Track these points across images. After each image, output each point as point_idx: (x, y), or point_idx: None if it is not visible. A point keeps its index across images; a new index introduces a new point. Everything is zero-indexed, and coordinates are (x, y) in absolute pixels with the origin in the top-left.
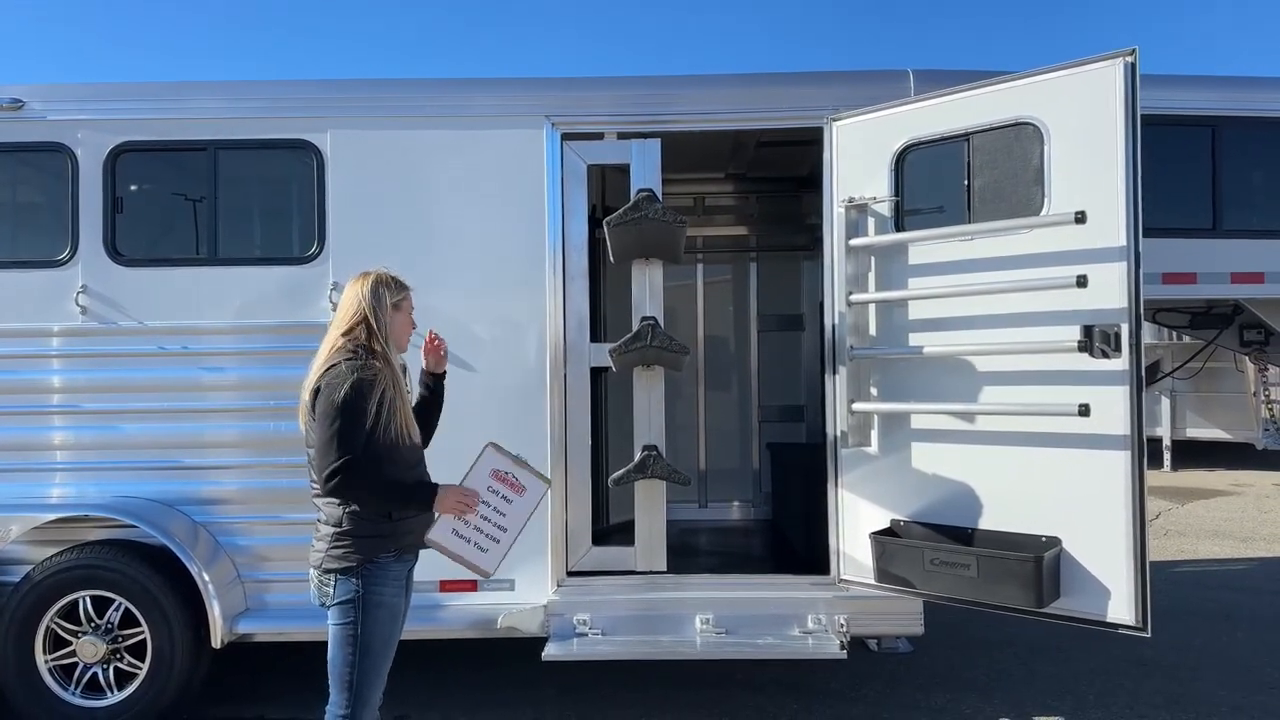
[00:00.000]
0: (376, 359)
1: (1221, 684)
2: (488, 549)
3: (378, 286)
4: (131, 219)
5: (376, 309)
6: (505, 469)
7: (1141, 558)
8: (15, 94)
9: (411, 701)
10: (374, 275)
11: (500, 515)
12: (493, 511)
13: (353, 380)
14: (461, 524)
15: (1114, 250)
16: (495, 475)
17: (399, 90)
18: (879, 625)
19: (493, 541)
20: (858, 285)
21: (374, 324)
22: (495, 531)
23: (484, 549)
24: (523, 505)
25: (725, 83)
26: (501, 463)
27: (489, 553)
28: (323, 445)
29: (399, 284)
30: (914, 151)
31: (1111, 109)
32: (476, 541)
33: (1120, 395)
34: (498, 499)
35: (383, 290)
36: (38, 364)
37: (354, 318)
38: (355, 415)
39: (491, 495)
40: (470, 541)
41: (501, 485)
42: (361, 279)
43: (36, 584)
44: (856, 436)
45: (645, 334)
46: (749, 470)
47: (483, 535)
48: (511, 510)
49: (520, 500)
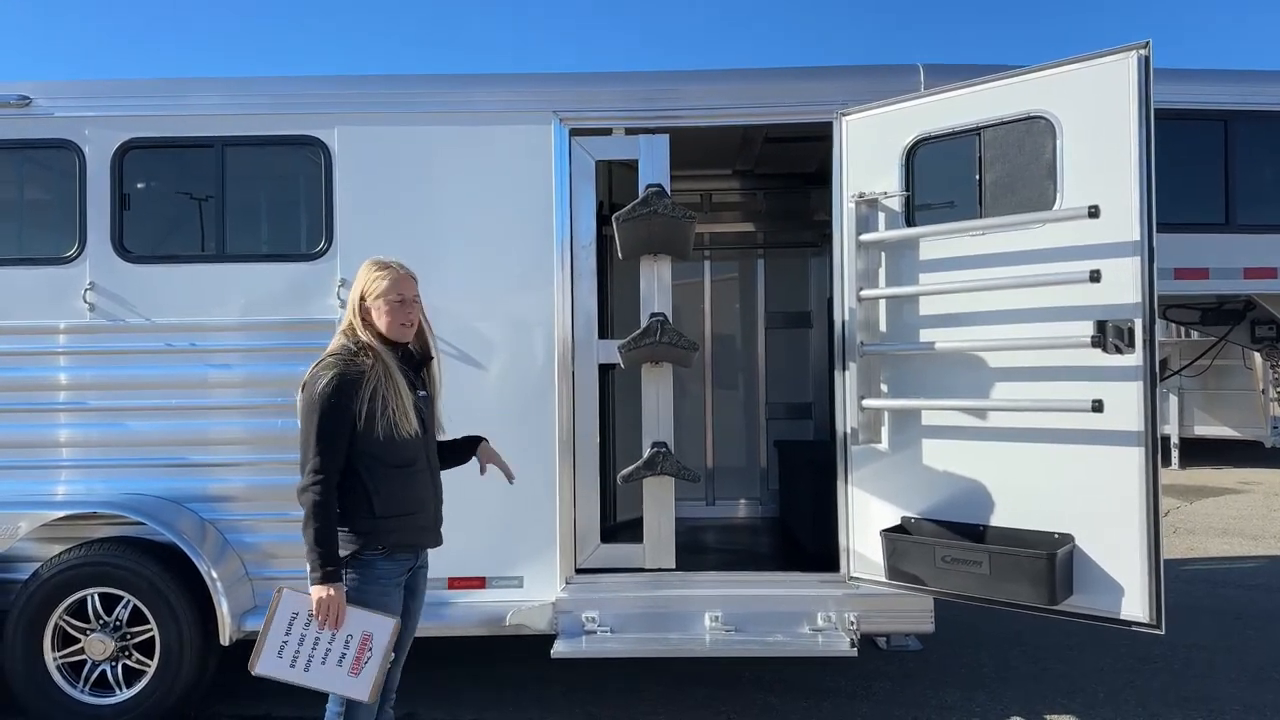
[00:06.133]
0: (365, 353)
1: (1233, 682)
2: (282, 656)
3: (360, 276)
4: (139, 215)
5: (353, 300)
6: (375, 645)
7: (1155, 554)
8: (22, 90)
9: (419, 699)
10: (363, 266)
11: (321, 660)
12: (324, 649)
13: (332, 375)
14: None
15: (1127, 245)
16: (365, 636)
17: (406, 86)
18: (889, 623)
19: (289, 662)
20: (868, 281)
21: (354, 315)
22: (305, 658)
23: (280, 654)
24: (333, 678)
25: (734, 78)
26: (379, 639)
27: (279, 659)
28: (302, 441)
29: (379, 267)
30: (924, 146)
31: (1124, 102)
32: (293, 643)
33: (1134, 391)
34: (339, 648)
35: (362, 278)
36: (46, 361)
37: (346, 312)
38: (333, 413)
39: (340, 639)
40: (289, 634)
41: (355, 646)
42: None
43: (45, 581)
44: (867, 433)
45: (654, 330)
46: (756, 468)
47: (299, 647)
48: (327, 668)
49: (336, 673)
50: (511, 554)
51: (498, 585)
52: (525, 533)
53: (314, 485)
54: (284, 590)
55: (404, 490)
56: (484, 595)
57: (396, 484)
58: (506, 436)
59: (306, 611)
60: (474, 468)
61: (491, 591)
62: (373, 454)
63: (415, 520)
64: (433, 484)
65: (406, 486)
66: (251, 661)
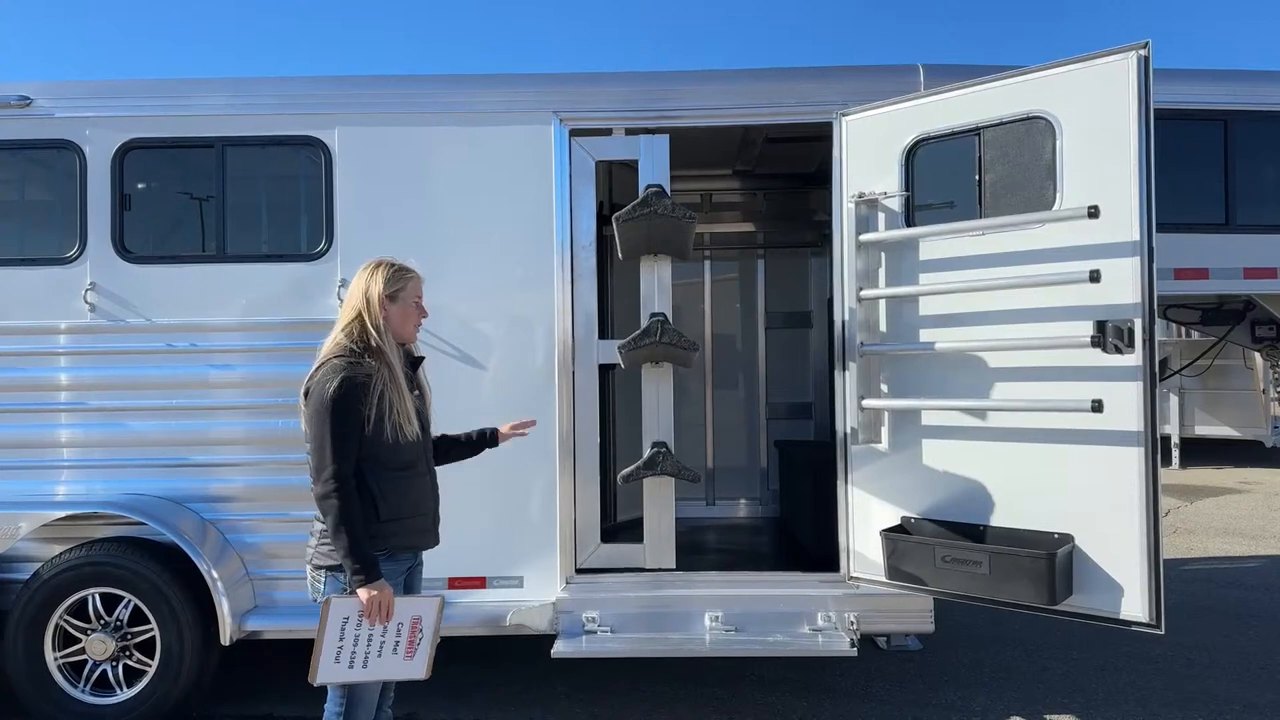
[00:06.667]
0: (371, 355)
1: (1234, 682)
2: (340, 661)
3: (372, 278)
4: (139, 216)
5: (368, 302)
6: (424, 625)
7: (1155, 554)
8: (23, 91)
9: (420, 699)
10: (372, 265)
11: (377, 653)
12: (378, 643)
13: (341, 379)
14: (357, 617)
15: (1127, 245)
16: (414, 621)
17: (407, 87)
18: (889, 623)
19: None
20: (868, 281)
21: (366, 317)
22: (362, 656)
23: (338, 659)
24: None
25: (734, 78)
26: (428, 618)
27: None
28: (315, 446)
29: (398, 271)
30: (924, 146)
31: (1124, 103)
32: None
33: (1133, 391)
34: (391, 638)
35: (376, 281)
36: (46, 361)
37: (350, 312)
38: (345, 416)
39: (393, 629)
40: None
41: (406, 632)
42: (362, 271)
43: (46, 581)
44: (867, 433)
45: (655, 330)
46: (756, 468)
47: (355, 648)
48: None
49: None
50: (512, 554)
51: (498, 585)
52: (525, 532)
53: (336, 491)
54: (331, 600)
55: (406, 493)
56: (484, 595)
57: (399, 487)
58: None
59: (356, 613)
60: (475, 468)
61: (492, 591)
62: (377, 457)
63: (416, 523)
64: (431, 486)
65: (408, 489)
66: (311, 674)
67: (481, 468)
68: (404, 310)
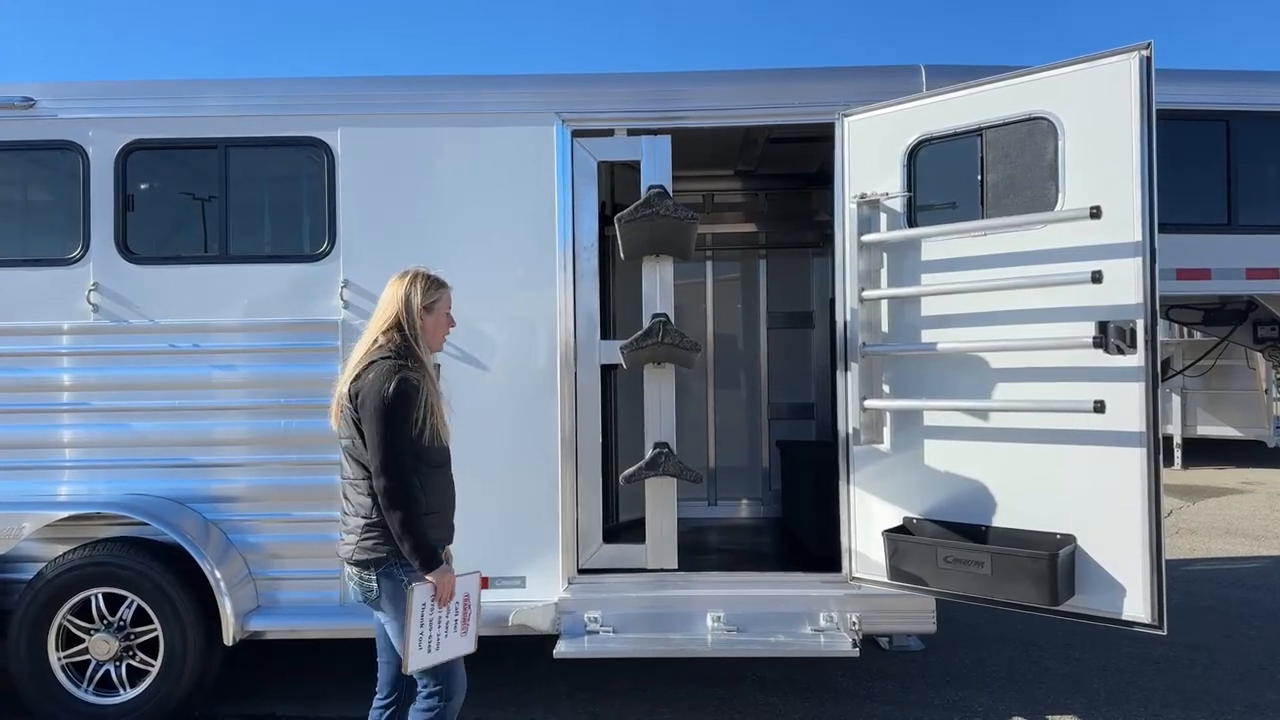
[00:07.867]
0: (412, 361)
1: (1236, 682)
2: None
3: (411, 288)
4: (142, 217)
5: (408, 311)
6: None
7: (1157, 555)
8: (26, 92)
9: None
10: (410, 275)
11: (445, 634)
12: (445, 624)
13: (399, 379)
14: (431, 603)
15: (1129, 245)
16: (465, 599)
17: (409, 88)
18: (891, 623)
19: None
20: (870, 281)
21: (405, 326)
22: (437, 639)
23: (420, 645)
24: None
25: (736, 79)
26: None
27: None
28: (377, 443)
29: (434, 284)
30: (926, 147)
31: (1126, 103)
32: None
33: (1136, 391)
34: (453, 616)
35: (415, 291)
36: (50, 362)
37: (390, 318)
38: (405, 413)
39: (453, 609)
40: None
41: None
42: (399, 279)
43: (49, 581)
44: (869, 434)
45: (656, 331)
46: (758, 468)
47: (432, 632)
48: (450, 639)
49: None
50: (514, 554)
51: (500, 585)
52: (527, 533)
53: (401, 486)
54: (414, 588)
55: (443, 490)
56: (486, 595)
57: (437, 484)
58: (509, 437)
59: (431, 597)
60: (477, 469)
61: (494, 592)
62: (419, 455)
63: (445, 517)
64: (453, 484)
65: (445, 487)
66: (404, 665)
67: (484, 468)
68: (437, 321)
